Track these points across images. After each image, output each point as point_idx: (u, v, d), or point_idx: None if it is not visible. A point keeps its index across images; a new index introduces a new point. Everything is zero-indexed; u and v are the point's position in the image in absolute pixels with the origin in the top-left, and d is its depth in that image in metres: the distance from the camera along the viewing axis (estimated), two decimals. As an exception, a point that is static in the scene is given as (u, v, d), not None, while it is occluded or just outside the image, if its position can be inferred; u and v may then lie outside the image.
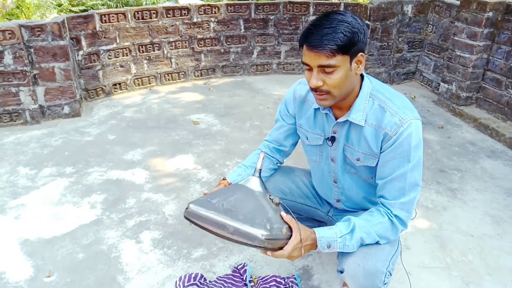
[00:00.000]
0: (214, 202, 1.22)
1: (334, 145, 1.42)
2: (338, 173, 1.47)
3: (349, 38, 1.14)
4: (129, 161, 2.75)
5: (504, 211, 2.31)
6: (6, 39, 2.94)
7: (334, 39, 1.13)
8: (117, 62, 3.77)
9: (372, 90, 1.30)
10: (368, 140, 1.30)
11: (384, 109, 1.26)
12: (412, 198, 1.28)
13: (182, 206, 2.29)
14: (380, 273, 1.27)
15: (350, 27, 1.15)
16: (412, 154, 1.24)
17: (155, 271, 1.85)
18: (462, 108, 3.53)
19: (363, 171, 1.40)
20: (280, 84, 4.26)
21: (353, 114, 1.30)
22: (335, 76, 1.18)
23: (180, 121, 3.37)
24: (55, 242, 2.01)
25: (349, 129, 1.35)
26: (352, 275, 1.30)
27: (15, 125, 3.21)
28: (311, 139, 1.48)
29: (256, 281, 1.77)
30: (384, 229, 1.28)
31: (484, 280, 1.83)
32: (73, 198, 2.36)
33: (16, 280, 1.78)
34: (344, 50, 1.15)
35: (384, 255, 1.30)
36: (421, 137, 1.26)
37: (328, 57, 1.15)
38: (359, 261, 1.28)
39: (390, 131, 1.24)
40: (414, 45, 4.20)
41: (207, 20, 4.09)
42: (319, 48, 1.14)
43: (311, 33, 1.16)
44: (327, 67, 1.16)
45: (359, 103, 1.29)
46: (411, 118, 1.23)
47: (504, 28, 3.22)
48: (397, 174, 1.26)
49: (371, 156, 1.33)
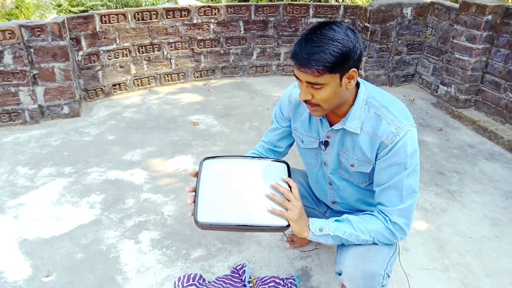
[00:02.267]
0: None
1: (327, 150, 1.42)
2: (330, 176, 1.48)
3: (338, 59, 1.12)
4: (128, 162, 2.75)
5: (502, 213, 2.31)
6: (6, 39, 2.94)
7: (321, 59, 1.11)
8: (117, 62, 3.78)
9: (368, 97, 1.30)
10: (363, 148, 1.30)
11: (380, 117, 1.26)
12: (410, 204, 1.28)
13: (182, 207, 2.29)
14: (378, 275, 1.27)
15: (340, 47, 1.12)
16: (409, 162, 1.24)
17: (154, 272, 1.85)
18: (461, 111, 3.54)
19: (357, 177, 1.40)
20: (280, 85, 4.27)
21: (348, 122, 1.30)
22: (323, 92, 1.19)
23: (180, 122, 3.38)
24: (54, 242, 2.01)
25: (344, 136, 1.35)
26: (350, 277, 1.31)
27: (14, 125, 3.21)
28: (307, 143, 1.49)
29: (255, 282, 1.77)
30: (380, 229, 1.29)
31: (482, 282, 1.83)
32: (72, 198, 2.36)
33: (15, 279, 1.78)
34: (332, 70, 1.14)
35: (382, 257, 1.30)
36: (417, 144, 1.26)
37: (315, 77, 1.15)
38: (357, 263, 1.28)
39: (386, 140, 1.24)
40: (413, 47, 4.21)
41: (207, 21, 4.10)
42: (305, 67, 1.14)
43: (300, 50, 1.15)
44: (315, 84, 1.17)
45: (354, 111, 1.29)
46: (407, 127, 1.23)
47: (503, 31, 3.23)
48: (394, 181, 1.26)
49: (366, 163, 1.33)
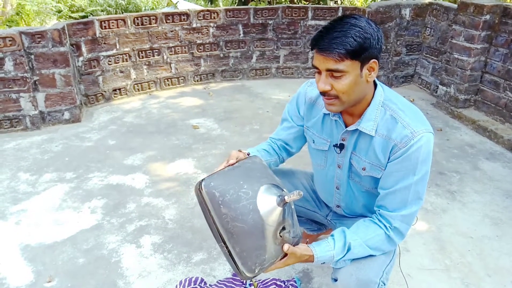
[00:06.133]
0: (228, 195, 1.13)
1: (342, 153, 1.38)
2: (342, 180, 1.44)
3: (360, 43, 1.11)
4: (129, 166, 2.76)
5: (503, 213, 2.31)
6: (6, 46, 2.96)
7: (343, 43, 1.10)
8: (117, 67, 3.79)
9: (385, 100, 1.26)
10: (377, 151, 1.27)
11: (396, 120, 1.22)
12: (414, 211, 1.25)
13: (182, 211, 2.30)
14: (373, 283, 1.26)
15: (362, 32, 1.11)
16: (419, 168, 1.20)
17: (156, 276, 1.86)
18: (460, 111, 3.55)
19: (368, 181, 1.37)
20: (279, 88, 4.28)
21: (363, 123, 1.26)
22: (343, 82, 1.15)
23: (180, 126, 3.39)
24: (55, 247, 2.02)
25: (358, 138, 1.31)
26: (345, 284, 1.29)
27: (16, 131, 3.23)
28: (318, 144, 1.45)
29: (256, 285, 1.77)
30: (380, 242, 1.27)
31: (483, 281, 1.83)
32: (74, 203, 2.37)
33: (17, 285, 1.79)
34: (353, 55, 1.11)
35: (377, 265, 1.29)
36: (430, 151, 1.22)
37: (336, 62, 1.12)
38: (352, 270, 1.27)
39: (400, 143, 1.20)
40: (412, 48, 4.22)
41: (206, 25, 4.12)
42: (327, 51, 1.12)
43: (322, 36, 1.13)
44: (335, 71, 1.13)
45: (370, 112, 1.25)
46: (423, 132, 1.19)
47: (501, 30, 3.24)
48: (400, 186, 1.23)
49: (378, 168, 1.29)
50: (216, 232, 1.14)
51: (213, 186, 1.13)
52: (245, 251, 1.12)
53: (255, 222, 1.12)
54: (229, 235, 1.11)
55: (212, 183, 1.14)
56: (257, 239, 1.13)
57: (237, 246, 1.11)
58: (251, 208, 1.13)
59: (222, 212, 1.11)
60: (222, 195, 1.12)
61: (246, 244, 1.12)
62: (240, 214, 1.11)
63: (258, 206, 1.14)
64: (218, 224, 1.12)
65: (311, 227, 1.77)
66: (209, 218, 1.15)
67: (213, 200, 1.12)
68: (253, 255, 1.13)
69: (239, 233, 1.11)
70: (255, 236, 1.13)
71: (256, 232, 1.13)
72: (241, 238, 1.11)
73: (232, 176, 1.18)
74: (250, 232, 1.12)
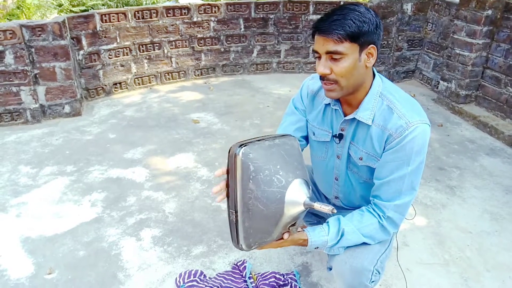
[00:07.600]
0: (262, 172, 1.10)
1: (341, 143, 1.40)
2: (341, 170, 1.46)
3: (358, 26, 1.14)
4: (130, 160, 2.77)
5: (502, 208, 2.32)
6: (7, 39, 2.96)
7: (342, 25, 1.13)
8: (118, 61, 3.79)
9: (383, 90, 1.27)
10: (373, 141, 1.28)
11: (392, 110, 1.24)
12: (407, 201, 1.27)
13: (182, 204, 2.31)
14: (367, 271, 1.27)
15: (361, 16, 1.15)
16: (413, 158, 1.21)
17: (155, 268, 1.86)
18: (461, 106, 3.54)
19: (365, 171, 1.39)
20: (280, 83, 4.27)
21: (360, 112, 1.27)
22: (342, 64, 1.16)
23: (180, 120, 3.39)
24: (56, 240, 2.03)
25: (357, 128, 1.33)
26: (339, 272, 1.31)
27: (16, 125, 3.23)
28: (318, 135, 1.46)
29: (255, 278, 1.78)
30: (374, 230, 1.29)
31: (482, 276, 1.84)
32: (74, 196, 2.37)
33: (18, 277, 1.80)
34: (352, 37, 1.14)
35: (372, 253, 1.30)
36: (426, 142, 1.22)
37: (336, 43, 1.14)
38: (346, 258, 1.29)
39: (394, 133, 1.22)
40: (413, 43, 4.21)
41: (207, 20, 4.11)
42: (327, 33, 1.14)
43: (322, 21, 1.17)
44: (334, 53, 1.15)
45: (367, 101, 1.26)
46: (418, 122, 1.20)
47: (503, 26, 3.22)
48: (395, 176, 1.25)
49: (374, 157, 1.31)
50: (233, 199, 1.13)
51: (251, 158, 1.10)
52: (252, 229, 1.13)
53: (276, 211, 1.14)
54: (245, 209, 1.10)
55: (251, 155, 1.10)
56: (269, 225, 1.16)
57: (247, 222, 1.12)
58: (278, 197, 1.13)
59: (249, 187, 1.09)
60: (256, 172, 1.10)
61: (257, 225, 1.13)
62: (266, 198, 1.11)
63: (286, 199, 1.14)
64: (239, 194, 1.11)
65: (310, 219, 1.78)
66: (233, 182, 1.12)
67: (245, 171, 1.09)
68: (258, 236, 1.15)
69: (256, 213, 1.11)
70: (269, 222, 1.15)
71: (272, 219, 1.15)
72: (255, 218, 1.12)
73: (271, 155, 1.15)
74: (266, 217, 1.13)
